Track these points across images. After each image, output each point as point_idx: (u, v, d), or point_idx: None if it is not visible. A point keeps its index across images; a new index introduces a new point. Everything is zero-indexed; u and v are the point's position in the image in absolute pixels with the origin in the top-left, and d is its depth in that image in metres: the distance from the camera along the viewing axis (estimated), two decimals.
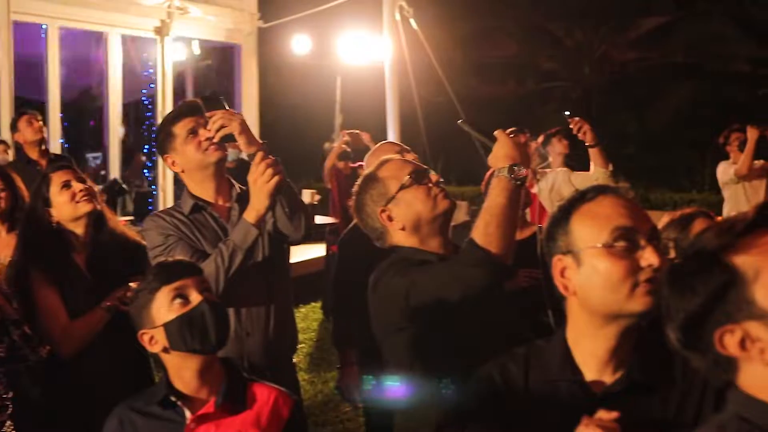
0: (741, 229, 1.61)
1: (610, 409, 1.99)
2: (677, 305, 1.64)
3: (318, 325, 10.61)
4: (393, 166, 3.18)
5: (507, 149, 2.91)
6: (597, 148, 6.42)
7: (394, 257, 3.09)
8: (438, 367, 2.96)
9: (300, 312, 10.99)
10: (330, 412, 7.48)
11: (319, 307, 11.23)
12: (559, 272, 2.20)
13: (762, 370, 1.58)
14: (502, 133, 2.96)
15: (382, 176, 3.15)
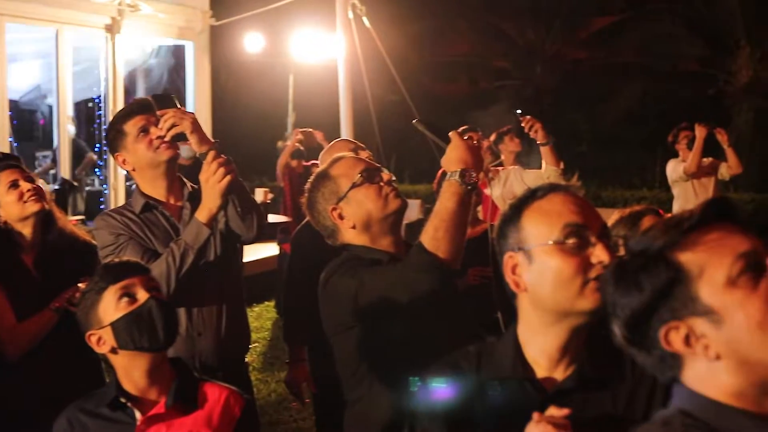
0: (686, 227, 1.62)
1: (561, 406, 1.99)
2: (623, 302, 1.66)
3: (271, 324, 10.58)
4: (345, 164, 3.18)
5: (460, 152, 2.91)
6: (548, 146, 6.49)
7: (345, 256, 3.09)
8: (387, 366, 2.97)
9: (253, 311, 10.95)
10: (284, 411, 7.47)
11: (272, 306, 11.20)
12: (510, 269, 2.20)
13: (706, 366, 1.59)
14: (457, 135, 2.96)
15: (334, 174, 3.15)
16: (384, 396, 2.96)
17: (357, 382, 3.05)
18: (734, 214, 1.65)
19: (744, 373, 1.56)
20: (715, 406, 1.58)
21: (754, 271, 1.56)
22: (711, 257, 1.58)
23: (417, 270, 2.84)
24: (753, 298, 1.54)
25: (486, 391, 2.22)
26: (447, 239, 2.81)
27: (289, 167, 11.12)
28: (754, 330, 1.53)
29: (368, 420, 3.03)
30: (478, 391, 2.22)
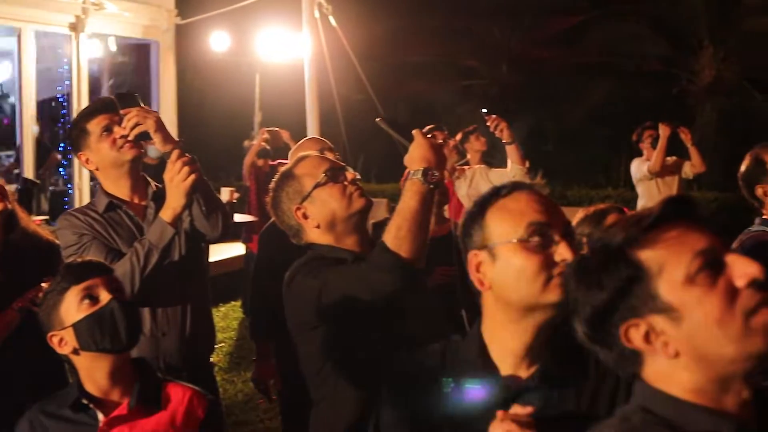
0: (646, 225, 1.63)
1: (525, 404, 2.01)
2: (584, 299, 1.67)
3: (238, 324, 10.54)
4: (309, 163, 3.18)
5: (422, 151, 2.91)
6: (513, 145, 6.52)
7: (310, 255, 3.09)
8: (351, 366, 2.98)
9: (219, 311, 10.90)
10: (250, 412, 7.45)
11: (238, 306, 11.16)
12: (474, 267, 2.21)
13: (665, 363, 1.61)
14: (420, 133, 2.96)
15: (298, 174, 3.15)
16: (348, 395, 2.97)
17: (321, 382, 3.05)
18: (694, 212, 1.66)
19: (702, 369, 1.58)
20: (674, 403, 1.60)
21: (713, 268, 1.57)
22: (670, 255, 1.60)
23: (379, 269, 2.84)
24: (711, 296, 1.55)
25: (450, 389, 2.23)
26: (410, 238, 2.81)
27: (255, 166, 11.09)
28: (712, 327, 1.54)
29: (333, 419, 3.03)
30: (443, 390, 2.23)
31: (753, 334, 1.53)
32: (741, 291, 1.55)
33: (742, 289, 1.56)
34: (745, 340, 1.53)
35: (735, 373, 1.57)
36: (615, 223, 1.69)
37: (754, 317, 1.54)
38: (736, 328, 1.53)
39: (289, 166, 3.22)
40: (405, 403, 2.25)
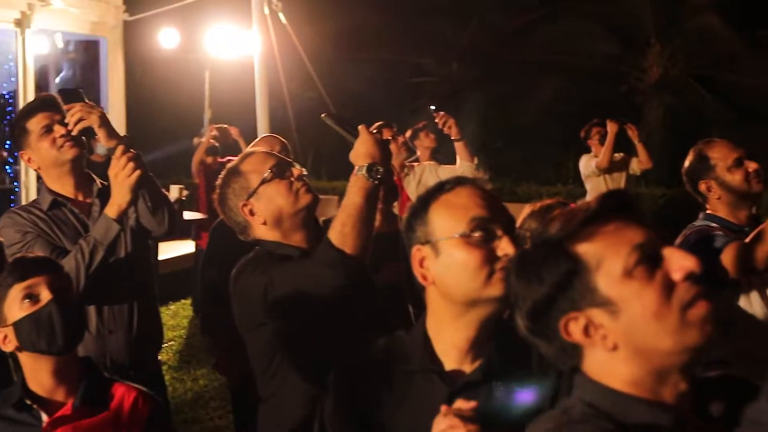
0: (584, 219, 1.65)
1: (469, 399, 2.02)
2: (524, 293, 1.68)
3: (188, 322, 10.48)
4: (255, 159, 3.17)
5: (367, 147, 2.91)
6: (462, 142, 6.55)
7: (256, 252, 3.08)
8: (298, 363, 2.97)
9: (169, 309, 10.83)
10: (200, 410, 7.41)
11: (189, 304, 11.09)
12: (417, 262, 2.22)
13: (604, 356, 1.62)
14: (365, 129, 2.96)
15: (244, 170, 3.14)
16: (296, 392, 2.96)
17: (269, 379, 3.04)
18: (631, 207, 1.68)
19: (640, 362, 1.59)
20: (613, 395, 1.61)
21: (650, 262, 1.59)
22: (608, 249, 1.61)
23: (324, 265, 2.84)
24: (649, 289, 1.57)
25: (395, 384, 2.23)
26: (354, 234, 2.81)
27: (203, 164, 11.02)
28: (650, 320, 1.56)
29: (281, 417, 3.03)
30: (388, 385, 2.23)
31: (689, 327, 1.55)
32: (678, 284, 1.57)
33: (678, 282, 1.57)
34: (682, 332, 1.55)
35: (672, 366, 1.59)
36: (554, 217, 1.70)
37: (690, 310, 1.55)
38: (672, 321, 1.55)
39: (235, 162, 3.21)
40: (350, 399, 2.25)
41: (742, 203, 4.09)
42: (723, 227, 3.99)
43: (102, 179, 3.92)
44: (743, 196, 4.07)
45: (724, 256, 3.76)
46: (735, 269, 3.74)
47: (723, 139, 4.26)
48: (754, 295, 3.94)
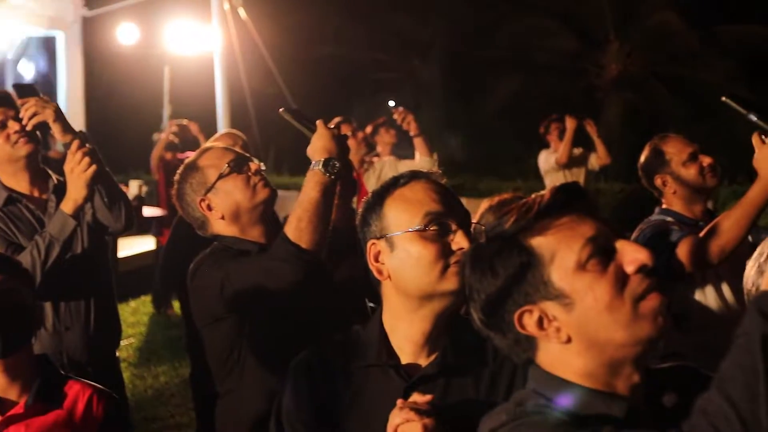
0: (538, 212, 1.65)
1: (424, 393, 2.02)
2: (478, 286, 1.68)
3: (148, 319, 10.42)
4: (212, 154, 3.17)
5: (324, 141, 2.92)
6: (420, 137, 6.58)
7: (214, 247, 3.08)
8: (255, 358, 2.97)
9: (130, 306, 10.76)
10: (161, 407, 7.37)
11: (149, 301, 11.03)
12: (373, 257, 2.22)
13: (558, 348, 1.63)
14: (322, 124, 2.97)
15: (202, 165, 3.14)
16: (254, 387, 2.96)
17: (227, 374, 3.04)
18: (584, 200, 1.69)
19: (593, 354, 1.60)
20: (566, 387, 1.62)
21: (603, 255, 1.60)
22: (561, 242, 1.62)
23: (280, 260, 2.84)
24: (602, 282, 1.58)
25: (352, 379, 2.24)
26: (310, 229, 2.82)
27: (163, 160, 10.97)
28: (603, 312, 1.57)
29: (238, 412, 3.02)
30: (344, 379, 2.24)
31: (641, 320, 1.56)
32: (630, 277, 1.58)
33: (631, 275, 1.58)
34: (634, 325, 1.56)
35: (625, 358, 1.60)
36: (509, 211, 1.70)
37: (642, 303, 1.57)
38: (625, 314, 1.56)
39: (193, 157, 3.21)
40: (307, 393, 2.25)
41: (697, 197, 4.14)
42: (678, 221, 4.03)
43: (59, 175, 3.89)
44: (698, 190, 4.12)
45: (679, 250, 3.80)
46: (690, 263, 3.78)
47: (677, 134, 4.31)
48: (708, 288, 3.99)
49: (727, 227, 3.72)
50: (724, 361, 1.38)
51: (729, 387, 1.34)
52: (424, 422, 1.91)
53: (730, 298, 3.98)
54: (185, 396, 7.15)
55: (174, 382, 7.87)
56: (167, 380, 7.98)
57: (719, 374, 1.37)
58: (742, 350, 1.35)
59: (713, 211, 4.38)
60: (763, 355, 1.32)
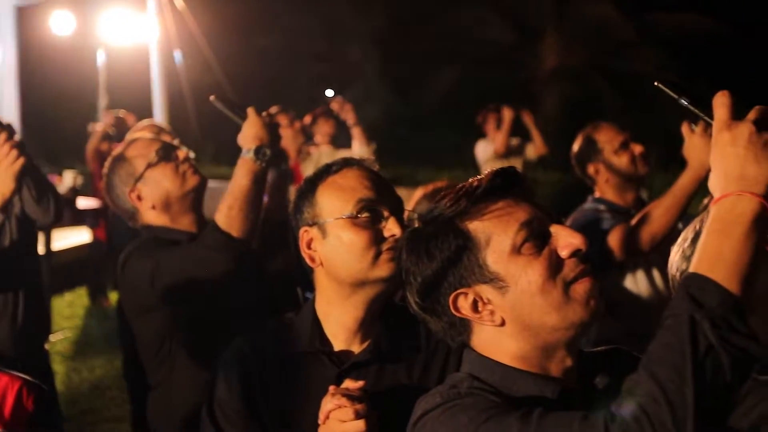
0: (474, 196, 1.67)
1: (357, 379, 2.03)
2: (415, 270, 1.70)
3: (84, 311, 10.30)
4: (140, 145, 3.15)
5: (255, 129, 2.91)
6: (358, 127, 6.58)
7: (143, 237, 3.07)
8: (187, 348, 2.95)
9: (65, 299, 10.62)
10: (97, 400, 7.29)
11: (85, 294, 10.89)
12: (305, 244, 2.23)
13: (492, 331, 1.65)
14: (253, 111, 2.96)
15: (129, 156, 3.11)
16: (185, 379, 2.95)
17: (158, 365, 3.02)
18: (520, 185, 1.71)
19: (527, 337, 1.63)
20: (500, 369, 1.64)
21: (538, 239, 1.62)
22: (497, 226, 1.64)
23: (211, 249, 2.83)
24: (535, 265, 1.60)
25: (285, 366, 2.23)
26: (241, 217, 2.81)
27: (99, 151, 10.82)
28: (536, 295, 1.59)
29: (171, 404, 3.00)
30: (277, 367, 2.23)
31: (573, 303, 1.59)
32: (564, 261, 1.61)
33: (565, 259, 1.61)
34: (566, 308, 1.59)
35: (558, 341, 1.62)
36: (445, 194, 1.72)
37: (574, 286, 1.60)
38: (557, 297, 1.59)
39: (120, 149, 3.20)
40: (239, 382, 2.24)
41: (628, 185, 4.19)
42: (610, 209, 4.07)
43: None
44: (630, 179, 4.17)
45: (610, 238, 3.84)
46: (621, 251, 3.83)
47: (609, 123, 4.35)
48: (640, 275, 4.05)
49: (657, 215, 3.77)
50: (651, 343, 1.40)
51: (656, 368, 1.36)
52: (356, 408, 1.91)
53: (661, 285, 4.03)
54: (122, 388, 7.05)
55: (110, 375, 7.77)
56: (103, 373, 7.89)
57: (647, 355, 1.40)
58: (670, 332, 1.38)
59: (646, 200, 4.43)
60: (690, 336, 1.34)
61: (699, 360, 1.33)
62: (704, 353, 1.34)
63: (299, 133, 6.82)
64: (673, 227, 3.78)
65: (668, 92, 1.60)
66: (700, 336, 1.34)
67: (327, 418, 1.95)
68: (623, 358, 1.78)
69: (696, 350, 1.34)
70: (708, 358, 1.34)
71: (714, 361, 1.34)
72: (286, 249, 4.46)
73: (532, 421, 1.46)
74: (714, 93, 1.51)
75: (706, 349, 1.34)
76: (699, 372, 1.33)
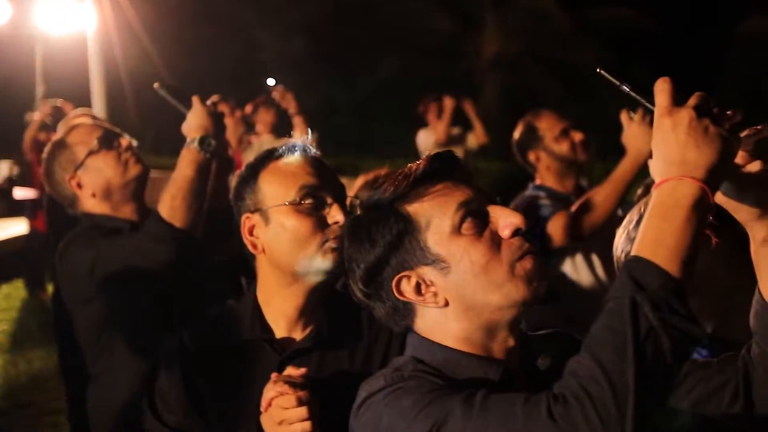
0: (413, 180, 1.67)
1: (299, 366, 2.02)
2: (357, 256, 1.70)
3: (21, 303, 10.15)
4: (81, 131, 3.10)
5: (200, 119, 2.89)
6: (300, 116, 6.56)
7: (84, 225, 3.02)
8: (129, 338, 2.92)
9: (2, 291, 10.46)
10: (36, 392, 7.19)
11: (22, 286, 10.73)
12: (247, 231, 2.21)
13: (436, 314, 1.66)
14: (198, 100, 2.93)
15: (70, 142, 3.07)
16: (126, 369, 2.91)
17: (98, 355, 2.99)
18: (458, 168, 1.72)
19: (470, 317, 1.63)
20: (444, 352, 1.65)
21: (477, 218, 1.63)
22: (436, 208, 1.65)
23: (154, 240, 2.80)
24: (477, 245, 1.61)
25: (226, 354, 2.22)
26: (184, 208, 2.79)
27: (36, 140, 10.65)
28: (479, 275, 1.60)
29: (110, 394, 2.97)
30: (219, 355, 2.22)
31: (517, 282, 1.60)
32: (505, 241, 1.62)
33: (506, 238, 1.62)
34: (510, 286, 1.60)
35: (501, 320, 1.63)
36: (384, 179, 1.72)
37: (517, 265, 1.61)
38: (500, 276, 1.60)
39: (60, 135, 3.14)
40: (181, 371, 2.22)
41: (569, 172, 4.23)
42: (550, 196, 4.11)
43: None
44: (570, 165, 4.21)
45: (551, 224, 3.88)
46: (561, 237, 3.86)
47: (549, 111, 4.39)
48: (579, 262, 4.09)
49: (597, 202, 3.81)
50: (594, 324, 1.41)
51: (598, 349, 1.37)
52: (298, 395, 1.90)
53: (600, 272, 4.08)
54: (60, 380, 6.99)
55: (49, 367, 7.66)
56: (42, 365, 7.78)
57: (589, 337, 1.41)
58: (612, 314, 1.39)
59: (585, 187, 4.48)
60: (631, 318, 1.35)
61: (640, 342, 1.35)
62: (645, 335, 1.35)
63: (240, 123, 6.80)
64: (612, 214, 3.82)
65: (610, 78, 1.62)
66: (641, 318, 1.36)
67: (269, 405, 1.94)
68: (565, 341, 1.80)
69: (637, 332, 1.35)
70: (649, 340, 1.35)
71: (655, 343, 1.35)
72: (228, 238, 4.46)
73: (476, 403, 1.47)
74: (653, 81, 1.52)
75: (647, 331, 1.35)
76: (640, 354, 1.34)
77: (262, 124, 7.90)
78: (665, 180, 1.45)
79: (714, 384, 1.73)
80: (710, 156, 1.43)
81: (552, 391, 1.41)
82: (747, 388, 1.69)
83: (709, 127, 1.45)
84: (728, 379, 1.71)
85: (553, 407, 1.38)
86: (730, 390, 1.71)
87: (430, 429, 1.47)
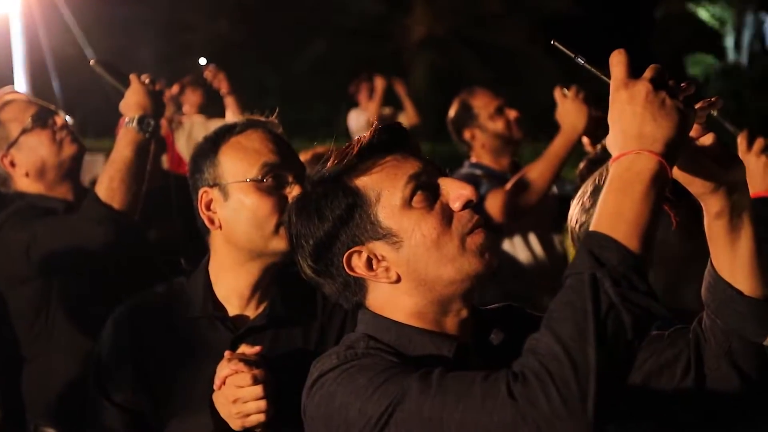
0: (360, 152, 1.65)
1: (253, 344, 2.01)
2: (306, 232, 1.67)
3: None
4: (14, 108, 3.03)
5: (139, 97, 2.84)
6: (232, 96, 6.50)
7: (17, 205, 2.96)
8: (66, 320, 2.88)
9: None
10: None
11: None
12: (204, 205, 2.19)
13: (387, 289, 1.65)
14: (136, 78, 2.89)
15: (3, 119, 3.00)
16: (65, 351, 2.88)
17: (34, 337, 2.93)
18: (406, 140, 1.70)
19: (422, 292, 1.62)
20: (396, 327, 1.63)
21: (427, 191, 1.62)
22: (385, 181, 1.63)
23: (92, 221, 2.76)
24: (429, 218, 1.60)
25: (176, 331, 2.19)
26: (123, 189, 2.75)
27: None
28: (431, 248, 1.59)
29: (48, 376, 2.93)
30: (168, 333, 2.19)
31: (469, 255, 1.59)
32: (456, 213, 1.61)
33: (457, 211, 1.61)
34: (462, 260, 1.59)
35: (454, 294, 1.62)
36: (330, 154, 1.70)
37: (469, 238, 1.60)
38: (452, 249, 1.59)
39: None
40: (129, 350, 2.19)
41: (504, 150, 4.26)
42: (486, 174, 4.14)
43: None
44: (505, 143, 4.24)
45: (488, 202, 3.90)
46: (499, 214, 3.88)
47: (484, 89, 4.41)
48: (516, 239, 4.13)
49: (532, 178, 3.85)
50: (553, 301, 1.39)
51: (558, 326, 1.35)
52: (253, 373, 1.90)
53: (537, 248, 4.12)
54: None
55: None
56: None
57: (548, 313, 1.39)
58: (571, 290, 1.37)
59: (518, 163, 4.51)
60: (591, 294, 1.33)
61: (601, 318, 1.33)
62: (606, 311, 1.33)
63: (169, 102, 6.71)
64: (547, 190, 3.86)
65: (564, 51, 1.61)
66: (601, 294, 1.34)
67: (223, 383, 1.93)
68: (516, 314, 1.80)
69: (598, 308, 1.33)
70: (609, 317, 1.33)
71: (615, 319, 1.33)
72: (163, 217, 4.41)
73: (432, 381, 1.45)
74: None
75: (607, 307, 1.33)
76: (601, 330, 1.32)
77: (189, 105, 7.83)
78: (622, 154, 1.43)
79: (666, 357, 1.71)
80: (668, 129, 1.41)
81: (511, 368, 1.38)
82: (698, 361, 1.68)
83: (666, 100, 1.43)
84: (680, 352, 1.70)
85: (513, 386, 1.35)
86: (682, 363, 1.69)
87: (386, 408, 1.45)
